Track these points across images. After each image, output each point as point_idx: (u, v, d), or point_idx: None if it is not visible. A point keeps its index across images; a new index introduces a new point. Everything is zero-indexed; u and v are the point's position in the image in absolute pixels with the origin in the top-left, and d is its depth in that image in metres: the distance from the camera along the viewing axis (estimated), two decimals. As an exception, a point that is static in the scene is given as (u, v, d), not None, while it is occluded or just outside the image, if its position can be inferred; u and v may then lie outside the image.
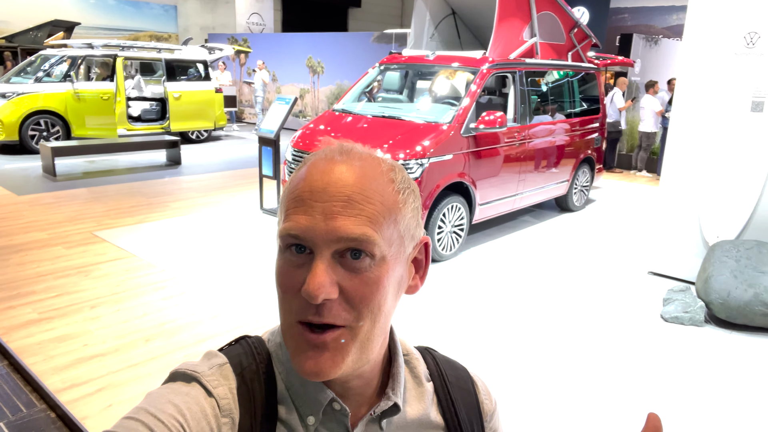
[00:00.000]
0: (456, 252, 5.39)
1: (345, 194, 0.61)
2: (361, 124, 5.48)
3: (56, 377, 3.18)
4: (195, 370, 0.66)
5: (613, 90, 10.10)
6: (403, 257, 0.66)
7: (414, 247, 0.69)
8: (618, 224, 6.85)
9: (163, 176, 8.54)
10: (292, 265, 0.62)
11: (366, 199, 0.61)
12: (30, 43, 15.71)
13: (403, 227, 0.65)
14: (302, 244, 0.61)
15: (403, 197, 0.66)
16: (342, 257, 0.61)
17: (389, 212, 0.63)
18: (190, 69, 11.47)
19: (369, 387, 0.71)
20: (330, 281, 0.60)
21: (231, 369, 0.68)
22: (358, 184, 0.62)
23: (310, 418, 0.67)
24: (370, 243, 0.61)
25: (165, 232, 5.79)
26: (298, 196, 0.62)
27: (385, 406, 0.70)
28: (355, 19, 24.89)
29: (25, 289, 4.30)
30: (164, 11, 21.48)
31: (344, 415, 0.68)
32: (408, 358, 0.79)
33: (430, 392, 0.78)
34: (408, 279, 0.70)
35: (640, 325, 4.13)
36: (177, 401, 0.62)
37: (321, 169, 0.63)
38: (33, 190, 7.26)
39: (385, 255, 0.63)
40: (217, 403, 0.64)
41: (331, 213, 0.60)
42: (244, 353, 0.71)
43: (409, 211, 0.66)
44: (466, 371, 0.85)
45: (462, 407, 0.79)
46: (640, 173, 10.32)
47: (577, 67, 7.04)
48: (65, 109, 9.80)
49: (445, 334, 3.87)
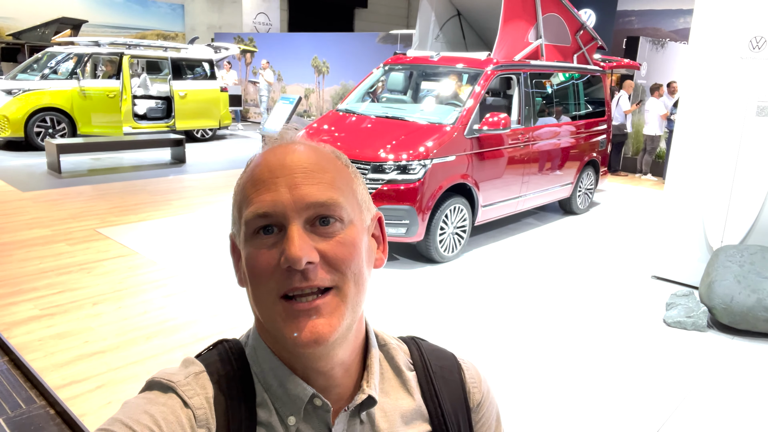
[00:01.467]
0: (458, 253, 5.38)
1: (303, 166, 0.64)
2: (365, 125, 5.48)
3: (56, 374, 3.19)
4: (171, 380, 0.66)
5: (618, 93, 10.07)
6: (365, 226, 0.69)
7: (371, 220, 0.72)
8: (622, 228, 6.82)
9: (167, 174, 8.56)
10: (264, 247, 0.62)
11: (323, 169, 0.65)
12: (37, 40, 15.78)
13: (360, 197, 0.69)
14: (271, 222, 0.62)
15: (352, 170, 0.70)
16: (312, 226, 0.63)
17: (346, 181, 0.66)
18: (196, 68, 11.51)
19: (348, 377, 0.70)
20: (309, 245, 0.61)
21: (208, 377, 0.68)
22: (312, 158, 0.65)
23: (290, 418, 0.67)
24: (337, 206, 0.63)
25: (168, 230, 5.80)
26: (257, 179, 0.64)
27: (359, 400, 0.69)
28: (361, 20, 24.90)
29: (28, 285, 4.32)
30: (171, 10, 21.55)
31: (326, 411, 0.67)
32: (386, 348, 0.78)
33: (413, 381, 0.77)
34: (373, 252, 0.72)
35: (642, 329, 4.11)
36: (153, 411, 0.61)
37: (275, 153, 0.66)
38: (38, 187, 7.29)
39: (353, 219, 0.65)
40: (193, 413, 0.64)
41: (294, 184, 0.62)
42: (220, 360, 0.70)
43: (360, 183, 0.70)
44: (454, 358, 0.83)
45: (446, 397, 0.77)
46: (644, 176, 10.28)
47: (582, 69, 7.02)
48: (71, 107, 9.84)
49: (447, 335, 3.86)
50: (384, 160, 4.85)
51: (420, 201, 4.83)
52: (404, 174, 4.81)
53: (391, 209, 4.78)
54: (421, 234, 4.92)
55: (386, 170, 4.82)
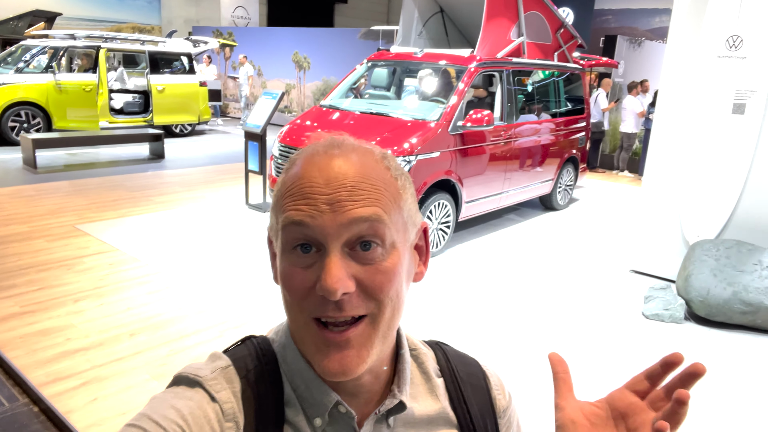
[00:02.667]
0: (442, 249, 5.43)
1: (348, 185, 0.60)
2: (349, 121, 5.48)
3: (39, 371, 3.14)
4: (198, 374, 0.65)
5: (597, 91, 10.22)
6: (409, 244, 0.66)
7: (416, 233, 0.68)
8: (601, 223, 6.94)
9: (146, 170, 8.44)
10: (300, 266, 0.60)
11: (371, 187, 0.61)
12: (10, 33, 15.39)
13: (406, 213, 0.65)
14: (309, 238, 0.60)
15: (402, 183, 0.66)
16: (352, 250, 0.60)
17: (393, 198, 0.63)
18: (175, 62, 11.35)
19: (378, 382, 0.70)
20: (346, 274, 0.58)
21: (235, 372, 0.67)
22: (359, 174, 0.61)
23: (317, 420, 0.66)
24: (381, 224, 0.60)
25: (148, 227, 5.73)
26: (298, 191, 0.60)
27: (390, 405, 0.69)
28: (341, 15, 24.80)
29: (6, 282, 4.24)
30: (147, 3, 21.18)
31: (350, 418, 0.67)
32: (416, 353, 0.77)
33: (441, 388, 0.76)
34: (414, 266, 0.70)
35: (621, 322, 4.20)
36: (179, 406, 0.61)
37: (318, 165, 0.61)
38: (13, 183, 7.13)
39: (395, 241, 0.62)
40: (220, 407, 0.63)
41: (338, 202, 0.59)
42: (249, 355, 0.69)
43: (409, 197, 0.66)
44: (479, 365, 0.83)
45: (474, 403, 0.77)
46: (622, 173, 10.46)
47: (562, 67, 7.11)
48: (46, 101, 9.64)
49: (432, 330, 3.90)
50: (368, 155, 4.85)
51: (404, 197, 4.85)
52: (389, 170, 4.82)
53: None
54: (406, 229, 4.94)
55: (371, 166, 4.83)
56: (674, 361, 0.63)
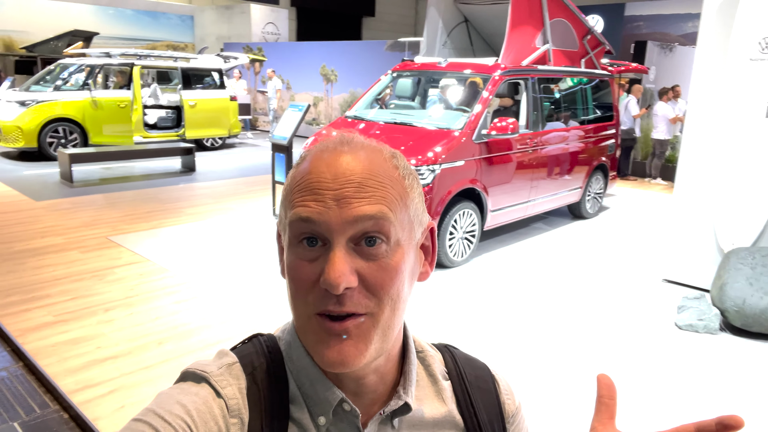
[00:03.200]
0: (467, 258, 5.38)
1: (355, 181, 0.61)
2: (373, 131, 5.51)
3: (70, 379, 3.22)
4: (204, 370, 0.66)
5: (627, 97, 10.04)
6: (414, 242, 0.66)
7: (422, 233, 0.69)
8: (632, 231, 6.79)
9: (177, 183, 8.63)
10: (306, 259, 0.61)
11: (378, 184, 0.61)
12: (50, 52, 16.02)
13: (412, 212, 0.65)
14: (315, 232, 0.60)
15: (409, 182, 0.66)
16: (357, 245, 0.61)
17: (400, 197, 0.63)
18: (206, 77, 11.62)
19: (383, 383, 0.70)
20: (349, 269, 0.59)
21: (241, 369, 0.67)
22: (367, 171, 0.62)
23: (321, 418, 0.66)
24: (386, 221, 0.60)
25: (178, 238, 5.85)
26: (306, 186, 0.61)
27: (395, 406, 0.68)
28: (369, 28, 25.06)
29: (41, 292, 4.37)
30: (181, 21, 21.81)
31: (354, 416, 0.67)
32: (423, 355, 0.77)
33: (449, 390, 0.76)
34: (419, 265, 0.69)
35: (654, 333, 4.08)
36: (185, 401, 0.61)
37: (326, 161, 0.62)
38: (50, 196, 7.38)
39: (400, 239, 0.63)
40: (225, 403, 0.64)
41: (344, 198, 0.60)
42: (255, 352, 0.70)
43: (416, 196, 0.67)
44: (488, 369, 0.82)
45: (482, 407, 0.76)
46: (654, 181, 10.23)
47: (590, 73, 7.02)
48: (83, 117, 9.96)
49: (457, 340, 3.86)
50: (392, 165, 4.86)
51: (429, 206, 4.84)
52: (413, 179, 4.82)
53: (400, 214, 4.79)
54: (430, 239, 4.92)
55: (395, 176, 4.84)
56: (733, 426, 0.58)
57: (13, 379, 3.29)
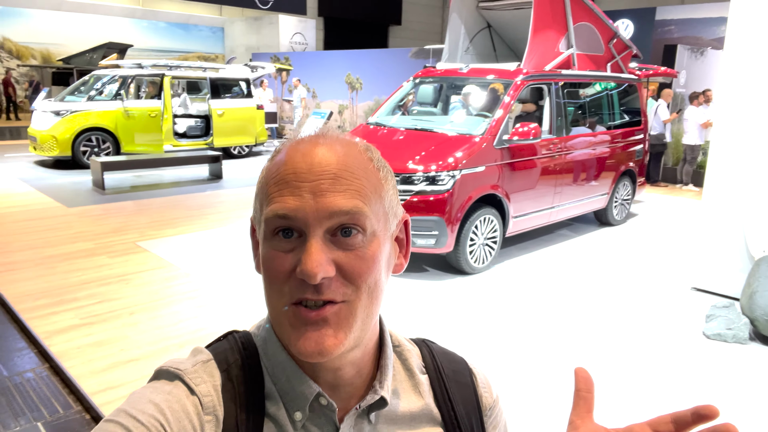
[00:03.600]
0: (489, 265, 5.33)
1: (331, 172, 0.61)
2: (395, 137, 5.52)
3: (93, 380, 3.29)
4: (178, 368, 0.65)
5: (657, 102, 9.85)
6: (390, 234, 0.67)
7: (396, 225, 0.69)
8: (661, 239, 6.63)
9: (204, 190, 8.79)
10: (282, 250, 0.61)
11: (352, 175, 0.62)
12: (86, 64, 16.54)
13: (387, 203, 0.66)
14: (291, 226, 0.60)
15: (383, 174, 0.67)
16: (333, 236, 0.61)
17: (374, 188, 0.64)
18: (234, 87, 11.83)
19: (359, 377, 0.69)
20: (326, 259, 0.59)
21: (216, 365, 0.67)
22: (342, 163, 0.62)
23: (297, 413, 0.65)
24: (362, 215, 0.61)
25: (202, 243, 5.94)
26: (282, 179, 0.62)
27: (371, 400, 0.68)
28: (396, 37, 25.17)
29: (69, 295, 4.48)
30: (212, 33, 22.29)
31: (331, 411, 0.67)
32: (400, 349, 0.76)
33: (426, 384, 0.75)
34: (394, 257, 0.70)
35: (681, 342, 3.97)
36: (158, 400, 0.61)
37: (302, 151, 0.63)
38: (82, 203, 7.59)
39: (376, 230, 0.63)
40: (199, 400, 0.63)
41: (320, 191, 0.60)
42: (230, 349, 0.69)
43: (390, 188, 0.67)
44: (465, 363, 0.82)
45: (459, 400, 0.76)
46: (686, 187, 9.98)
47: (616, 78, 6.91)
48: (115, 126, 10.25)
49: (478, 348, 3.82)
50: (413, 171, 4.87)
51: (449, 212, 4.81)
52: (433, 185, 4.81)
53: (420, 220, 4.78)
54: (451, 245, 4.90)
55: (415, 181, 4.84)
56: (708, 415, 0.58)
57: (39, 380, 3.38)
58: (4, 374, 3.42)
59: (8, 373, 3.43)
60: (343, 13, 22.75)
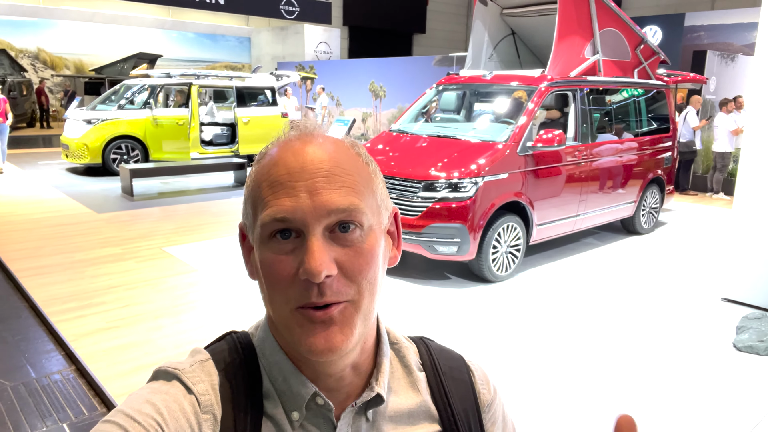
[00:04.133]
0: (512, 273, 5.27)
1: (324, 169, 0.61)
2: (417, 144, 5.51)
3: (117, 383, 3.34)
4: (176, 368, 0.66)
5: (686, 108, 9.66)
6: (383, 227, 0.68)
7: (388, 218, 0.70)
8: (690, 248, 6.48)
9: (229, 196, 8.90)
10: (282, 253, 0.61)
11: (344, 172, 0.62)
12: (117, 74, 16.96)
13: (379, 197, 0.67)
14: (290, 227, 0.60)
15: (372, 168, 0.68)
16: (332, 233, 0.61)
17: (367, 183, 0.65)
18: (259, 95, 11.98)
19: (358, 375, 0.70)
20: (328, 257, 0.59)
21: (213, 365, 0.67)
22: (333, 159, 0.62)
23: (294, 413, 0.66)
24: (358, 212, 0.61)
25: (227, 249, 6.01)
26: (275, 180, 0.61)
27: (367, 397, 0.68)
28: (420, 45, 25.24)
29: (97, 299, 4.57)
30: (239, 43, 22.66)
31: (328, 410, 0.67)
32: (397, 347, 0.77)
33: (423, 381, 0.76)
34: (389, 250, 0.71)
35: (711, 354, 3.86)
36: (155, 400, 0.61)
37: (293, 151, 0.63)
38: (111, 209, 7.75)
39: (372, 224, 0.64)
40: (197, 399, 0.64)
41: (315, 189, 0.60)
42: (228, 349, 0.70)
43: (380, 182, 0.68)
44: (462, 360, 0.82)
45: (456, 397, 0.76)
46: (716, 195, 9.75)
47: (643, 84, 6.80)
48: (144, 134, 10.46)
49: (500, 357, 3.77)
50: (435, 178, 4.85)
51: (471, 219, 4.78)
52: (455, 192, 4.79)
53: (443, 227, 4.76)
54: (473, 252, 4.86)
55: (437, 188, 4.82)
56: None
57: (66, 382, 3.44)
58: (33, 376, 3.50)
59: (36, 375, 3.51)
60: (367, 22, 22.92)
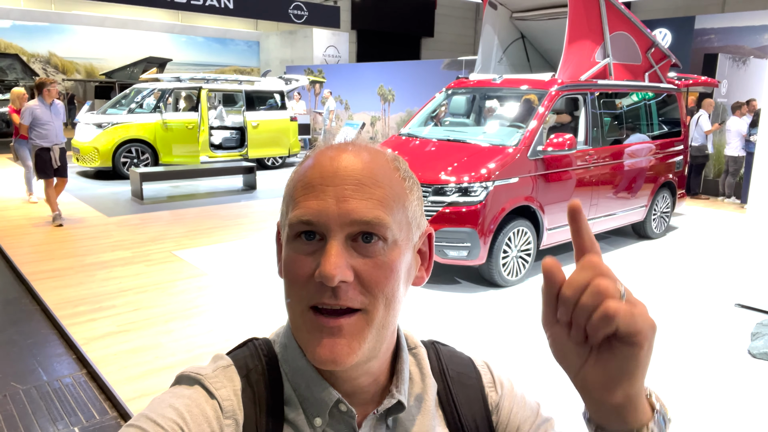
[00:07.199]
0: (522, 278, 5.24)
1: (356, 178, 0.62)
2: (427, 148, 5.50)
3: (128, 387, 3.35)
4: (198, 373, 0.67)
5: (698, 112, 9.59)
6: (411, 245, 0.67)
7: (419, 237, 0.69)
8: (702, 253, 6.42)
9: (239, 200, 8.92)
10: (303, 253, 0.62)
11: (376, 183, 0.63)
12: (127, 78, 17.08)
13: (410, 213, 0.66)
14: (314, 229, 0.61)
15: (408, 185, 0.67)
16: (354, 241, 0.61)
17: (398, 197, 0.64)
18: (268, 99, 12.02)
19: (376, 384, 0.70)
20: (345, 263, 0.60)
21: (236, 371, 0.68)
22: (367, 169, 0.63)
23: (317, 419, 0.66)
24: (382, 226, 0.61)
25: (236, 252, 6.01)
26: (308, 182, 0.63)
27: (388, 404, 0.69)
28: (428, 49, 25.26)
29: (108, 303, 4.59)
30: (248, 47, 22.76)
31: (351, 417, 0.67)
32: (415, 351, 0.77)
33: (434, 387, 0.76)
34: (415, 269, 0.70)
35: (725, 361, 3.81)
36: (178, 405, 0.62)
37: (329, 156, 0.64)
38: (122, 212, 7.79)
39: (397, 239, 0.63)
40: (219, 404, 0.64)
41: (343, 196, 0.61)
42: (250, 355, 0.71)
43: (415, 199, 0.68)
44: (471, 363, 0.82)
45: (464, 402, 0.76)
46: (728, 200, 9.66)
47: (654, 87, 6.76)
48: (154, 138, 10.51)
49: (510, 362, 3.74)
50: (445, 182, 4.84)
51: (482, 223, 4.76)
52: (465, 196, 4.77)
53: (453, 232, 4.74)
54: (483, 257, 4.84)
55: (447, 192, 4.80)
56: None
57: (77, 385, 3.45)
58: (44, 379, 3.51)
59: (48, 378, 3.52)
60: (376, 26, 22.97)
